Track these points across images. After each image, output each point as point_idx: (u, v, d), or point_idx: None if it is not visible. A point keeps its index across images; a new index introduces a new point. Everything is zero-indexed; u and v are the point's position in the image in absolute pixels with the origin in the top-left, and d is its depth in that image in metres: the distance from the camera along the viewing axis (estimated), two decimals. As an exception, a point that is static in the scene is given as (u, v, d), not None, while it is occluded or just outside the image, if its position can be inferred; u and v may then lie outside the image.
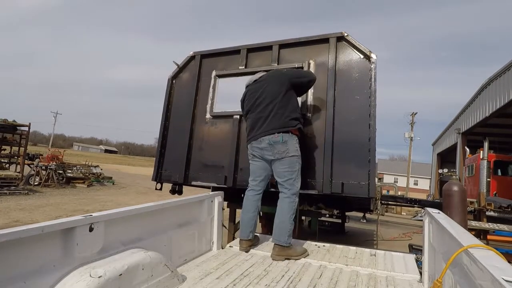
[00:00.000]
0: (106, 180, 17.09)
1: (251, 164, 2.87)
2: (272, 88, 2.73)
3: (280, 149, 2.62)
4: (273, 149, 2.63)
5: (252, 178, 2.85)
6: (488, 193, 9.03)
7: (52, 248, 1.42)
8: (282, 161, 2.63)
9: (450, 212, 4.13)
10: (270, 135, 2.65)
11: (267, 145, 2.66)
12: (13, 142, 13.18)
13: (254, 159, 2.82)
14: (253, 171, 2.85)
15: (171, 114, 3.91)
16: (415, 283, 2.15)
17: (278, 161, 2.64)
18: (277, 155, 2.63)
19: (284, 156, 2.62)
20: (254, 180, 2.83)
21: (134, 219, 1.92)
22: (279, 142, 2.62)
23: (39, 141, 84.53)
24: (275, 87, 2.73)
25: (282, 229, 2.54)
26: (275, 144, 2.62)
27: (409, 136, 27.28)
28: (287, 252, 2.52)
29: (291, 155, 2.63)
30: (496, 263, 1.07)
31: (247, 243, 2.72)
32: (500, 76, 10.20)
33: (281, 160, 2.63)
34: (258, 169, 2.81)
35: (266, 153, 2.68)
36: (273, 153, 2.64)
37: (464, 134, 14.93)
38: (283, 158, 2.63)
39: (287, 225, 2.55)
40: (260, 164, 2.79)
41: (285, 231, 2.53)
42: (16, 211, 7.90)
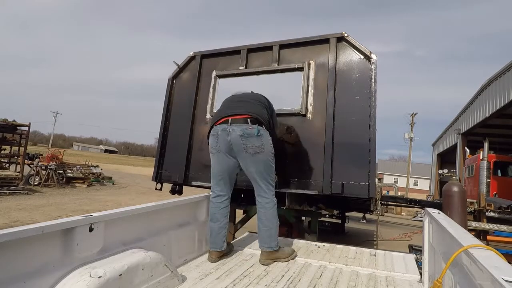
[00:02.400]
0: (106, 180, 17.08)
1: (215, 161, 2.43)
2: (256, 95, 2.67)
3: (255, 143, 2.27)
4: (247, 142, 2.26)
5: (216, 180, 2.46)
6: (488, 194, 9.03)
7: (52, 248, 1.42)
8: (254, 157, 2.30)
9: (450, 212, 4.13)
10: (243, 124, 2.29)
11: (238, 137, 2.27)
12: (13, 142, 13.17)
13: (216, 153, 2.39)
14: (216, 170, 2.44)
15: (171, 114, 3.91)
16: (415, 283, 2.15)
17: (250, 158, 2.30)
18: (250, 150, 2.28)
19: (258, 151, 2.29)
20: (218, 183, 2.45)
21: (134, 219, 1.92)
22: (253, 135, 2.27)
23: (39, 141, 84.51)
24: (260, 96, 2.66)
25: (271, 236, 2.38)
26: (249, 136, 2.26)
27: (409, 136, 27.29)
28: (276, 255, 2.40)
29: (267, 151, 2.33)
30: (496, 263, 1.07)
31: (218, 254, 2.41)
32: (500, 77, 10.21)
33: (254, 156, 2.29)
34: (222, 166, 2.41)
35: (236, 147, 2.30)
36: (245, 147, 2.27)
37: (464, 134, 14.93)
38: (256, 153, 2.29)
39: (274, 230, 2.40)
40: (227, 162, 2.39)
41: (274, 237, 2.39)
42: (16, 211, 7.89)
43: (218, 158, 2.42)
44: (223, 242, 2.45)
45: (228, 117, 2.37)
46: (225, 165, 2.42)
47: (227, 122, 2.35)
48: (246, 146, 2.28)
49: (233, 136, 2.29)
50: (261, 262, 2.39)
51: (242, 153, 2.31)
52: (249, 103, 2.51)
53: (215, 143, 2.40)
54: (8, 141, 13.07)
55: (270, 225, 2.39)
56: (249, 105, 2.49)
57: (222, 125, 2.38)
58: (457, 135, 15.71)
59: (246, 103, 2.50)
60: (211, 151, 2.46)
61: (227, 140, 2.32)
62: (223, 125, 2.37)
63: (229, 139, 2.31)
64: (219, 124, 2.41)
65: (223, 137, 2.34)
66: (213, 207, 2.48)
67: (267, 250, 2.38)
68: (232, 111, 2.42)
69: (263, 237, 2.40)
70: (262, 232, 2.41)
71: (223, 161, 2.41)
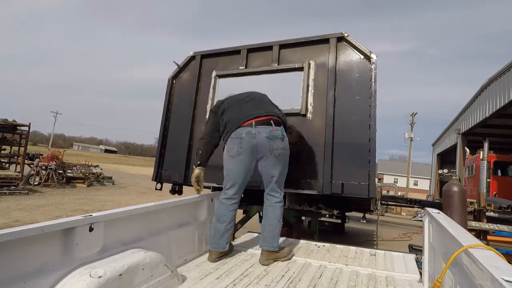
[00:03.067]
0: (106, 180, 17.08)
1: (233, 163, 2.40)
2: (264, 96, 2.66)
3: (280, 145, 2.34)
4: (273, 144, 2.31)
5: (232, 183, 2.43)
6: (488, 194, 9.03)
7: (52, 248, 1.42)
8: (278, 159, 2.35)
9: (450, 212, 4.13)
10: (268, 126, 2.34)
11: (264, 139, 2.30)
12: (13, 142, 13.16)
13: (238, 155, 2.35)
14: (234, 172, 2.42)
15: (171, 114, 3.91)
16: (415, 283, 2.15)
17: (274, 159, 2.34)
18: (275, 152, 2.32)
19: (282, 153, 2.37)
20: (233, 186, 2.43)
21: (134, 219, 1.92)
22: (278, 137, 2.33)
23: (39, 141, 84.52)
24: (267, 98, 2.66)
25: (274, 236, 2.40)
26: (274, 138, 2.31)
27: (409, 136, 27.29)
28: (276, 255, 2.41)
29: (288, 153, 2.43)
30: (496, 263, 1.07)
31: (219, 254, 2.41)
32: (500, 77, 10.21)
33: (278, 158, 2.35)
34: (242, 168, 2.39)
35: (261, 149, 2.32)
36: (271, 148, 2.31)
37: (464, 134, 14.93)
38: (280, 155, 2.35)
39: (278, 230, 2.42)
40: (247, 166, 2.38)
41: (277, 237, 2.41)
42: (16, 211, 7.89)
43: (237, 161, 2.38)
44: (226, 243, 2.46)
45: (252, 120, 2.37)
46: (244, 168, 2.40)
47: (251, 125, 2.35)
48: (272, 147, 2.32)
49: (259, 139, 2.31)
50: (261, 262, 2.38)
51: (267, 154, 2.33)
52: (264, 103, 2.54)
53: (238, 146, 2.35)
54: (8, 141, 13.07)
55: (276, 224, 2.41)
56: (266, 104, 2.53)
57: (246, 128, 2.36)
58: (457, 135, 15.72)
59: (262, 104, 2.52)
60: (231, 154, 2.40)
61: (252, 142, 2.32)
62: (247, 128, 2.35)
63: (254, 142, 2.32)
64: (241, 127, 2.38)
65: (248, 140, 2.32)
66: (223, 208, 2.47)
67: (268, 250, 2.38)
68: (254, 113, 2.41)
69: (267, 236, 2.40)
70: (266, 231, 2.41)
71: (243, 164, 2.38)
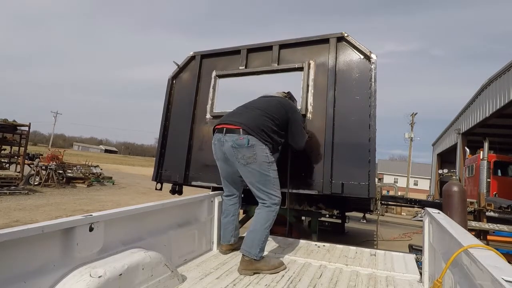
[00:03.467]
0: (106, 180, 17.08)
1: (218, 166, 2.56)
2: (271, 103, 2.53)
3: (246, 154, 2.24)
4: (237, 153, 2.26)
5: (223, 182, 2.65)
6: (488, 194, 9.04)
7: (52, 248, 1.42)
8: (247, 167, 2.27)
9: (450, 212, 4.13)
10: (235, 134, 2.27)
11: (230, 148, 2.29)
12: (13, 142, 13.17)
13: (217, 160, 2.51)
14: (222, 174, 2.59)
15: (171, 114, 3.91)
16: (415, 283, 2.15)
17: (243, 168, 2.30)
18: (241, 161, 2.27)
19: (250, 162, 2.25)
20: (224, 185, 2.65)
21: (134, 219, 1.92)
22: (243, 146, 2.24)
23: (39, 141, 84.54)
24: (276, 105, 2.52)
25: (253, 240, 2.19)
26: (239, 147, 2.25)
27: (409, 136, 27.28)
28: (256, 265, 2.15)
29: (260, 161, 2.25)
30: (496, 263, 1.07)
31: (227, 247, 2.64)
32: (500, 77, 10.21)
33: (246, 166, 2.27)
34: (223, 172, 2.55)
35: (230, 157, 2.34)
36: (237, 157, 2.28)
37: (464, 134, 14.93)
38: (248, 164, 2.26)
39: (260, 236, 2.21)
40: (226, 169, 2.51)
41: (257, 243, 2.19)
42: (16, 211, 7.89)
43: (220, 164, 2.54)
44: (231, 236, 2.63)
45: (224, 125, 2.38)
46: (225, 171, 2.54)
47: (221, 131, 2.37)
48: (237, 157, 2.28)
49: (226, 147, 2.33)
50: (239, 271, 2.16)
51: (235, 163, 2.34)
52: (254, 112, 2.43)
53: (214, 151, 2.49)
54: (8, 141, 13.08)
55: (257, 227, 2.24)
56: (251, 115, 2.41)
57: (218, 134, 2.41)
58: (457, 135, 15.72)
59: (250, 113, 2.43)
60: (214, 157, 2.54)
61: (222, 150, 2.38)
62: (218, 135, 2.40)
63: (223, 149, 2.37)
64: (216, 133, 2.45)
65: (218, 147, 2.42)
66: (223, 204, 2.71)
67: (247, 257, 2.17)
68: (229, 120, 2.42)
69: (247, 240, 2.24)
70: (247, 234, 2.28)
71: (224, 167, 2.52)
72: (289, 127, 2.58)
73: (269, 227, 2.28)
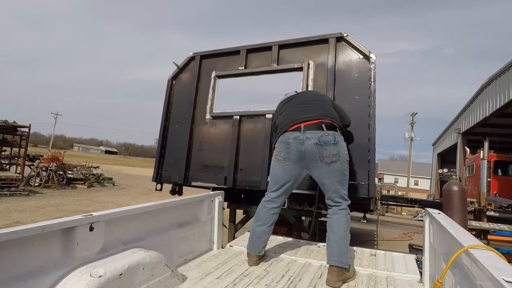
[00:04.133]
0: (107, 181, 17.09)
1: (278, 168, 2.28)
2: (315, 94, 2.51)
3: (332, 152, 2.12)
4: (323, 151, 2.11)
5: (276, 187, 2.30)
6: (488, 193, 9.03)
7: (53, 248, 1.42)
8: (330, 166, 2.13)
9: (450, 212, 4.13)
10: (318, 131, 2.15)
11: (313, 146, 2.12)
12: (13, 143, 13.20)
13: (284, 161, 2.23)
14: (279, 177, 2.28)
15: (171, 115, 3.91)
16: (415, 283, 2.15)
17: (326, 167, 2.14)
18: (326, 159, 2.12)
19: (334, 160, 2.13)
20: (277, 190, 2.29)
21: (134, 218, 1.92)
22: (330, 143, 2.12)
23: (39, 142, 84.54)
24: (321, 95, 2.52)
25: (343, 248, 2.07)
26: (325, 145, 2.11)
27: (409, 136, 27.28)
28: (346, 275, 2.06)
29: (343, 159, 2.17)
30: (497, 264, 1.07)
31: (257, 257, 2.33)
32: (500, 76, 10.21)
33: (330, 165, 2.13)
34: (287, 175, 2.25)
35: (309, 157, 2.14)
36: (321, 156, 2.12)
37: (464, 134, 14.93)
38: (332, 162, 2.13)
39: (347, 243, 2.11)
40: (293, 172, 2.24)
41: (346, 250, 2.07)
42: (17, 212, 7.90)
43: (284, 167, 2.25)
44: (262, 247, 2.36)
45: (300, 123, 2.21)
46: (290, 175, 2.26)
47: (299, 130, 2.20)
48: (322, 155, 2.12)
49: (308, 145, 2.14)
50: (330, 284, 1.98)
51: (317, 162, 2.14)
52: (317, 104, 2.34)
53: (285, 152, 2.22)
54: (9, 143, 13.11)
55: (342, 234, 2.11)
56: (319, 106, 2.32)
57: (294, 132, 2.21)
58: (457, 134, 15.71)
59: (314, 105, 2.33)
60: (277, 159, 2.29)
61: (300, 149, 2.16)
62: (295, 133, 2.20)
63: (302, 149, 2.15)
64: (290, 131, 2.24)
65: (295, 146, 2.17)
66: (263, 210, 2.35)
67: (337, 267, 2.02)
68: (303, 116, 2.25)
69: (334, 249, 2.08)
70: (333, 242, 2.10)
71: (290, 170, 2.24)
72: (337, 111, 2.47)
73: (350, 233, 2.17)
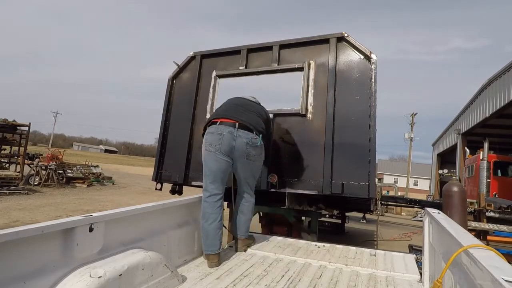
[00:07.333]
0: (106, 180, 17.09)
1: (212, 160, 2.40)
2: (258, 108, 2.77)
3: (257, 152, 2.51)
4: (251, 150, 2.44)
5: (213, 179, 2.43)
6: (488, 194, 9.04)
7: (52, 248, 1.42)
8: (252, 164, 2.53)
9: (450, 212, 4.13)
10: (250, 133, 2.45)
11: (243, 144, 2.40)
12: (13, 142, 13.19)
13: (216, 152, 2.38)
14: (214, 168, 2.41)
15: (171, 114, 3.91)
16: (415, 283, 2.15)
17: (249, 164, 2.50)
18: (251, 157, 2.47)
19: (255, 159, 2.52)
20: (215, 181, 2.43)
21: (134, 219, 1.92)
22: (257, 145, 2.48)
23: (39, 141, 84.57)
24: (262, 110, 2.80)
25: (248, 226, 2.74)
26: (253, 146, 2.45)
27: (409, 136, 27.30)
28: (248, 242, 2.75)
29: (261, 160, 2.62)
30: (496, 263, 1.07)
31: (217, 257, 2.31)
32: (500, 77, 10.21)
33: (252, 164, 2.52)
34: (221, 165, 2.42)
35: (238, 153, 2.42)
36: (248, 154, 2.44)
37: (464, 134, 14.94)
38: (255, 161, 2.53)
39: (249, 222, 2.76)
40: (225, 163, 2.42)
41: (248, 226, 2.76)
42: (16, 211, 7.89)
43: (215, 157, 2.40)
44: (220, 243, 2.41)
45: (236, 121, 2.45)
46: (222, 164, 2.42)
47: (233, 126, 2.42)
48: (249, 153, 2.45)
49: (239, 142, 2.40)
50: (241, 249, 2.67)
51: (242, 159, 2.46)
52: (254, 113, 2.65)
53: (217, 142, 2.38)
54: (8, 141, 13.10)
55: (250, 216, 2.75)
56: (254, 116, 2.63)
57: (228, 127, 2.41)
58: (457, 135, 15.73)
59: (251, 113, 2.62)
60: (208, 149, 2.42)
61: (231, 144, 2.39)
62: (229, 128, 2.41)
63: (233, 144, 2.39)
64: (223, 124, 2.43)
65: (228, 140, 2.38)
66: (208, 207, 2.40)
67: (243, 238, 2.71)
68: (240, 117, 2.49)
69: (243, 227, 2.70)
70: (243, 222, 2.69)
71: (220, 160, 2.41)
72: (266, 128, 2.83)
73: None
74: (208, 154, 2.43)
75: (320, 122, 3.04)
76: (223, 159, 2.41)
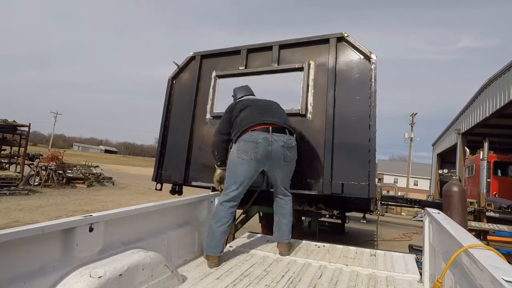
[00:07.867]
0: (106, 181, 17.07)
1: (244, 168, 2.35)
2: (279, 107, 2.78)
3: (293, 153, 2.47)
4: (287, 152, 2.41)
5: (236, 186, 2.37)
6: (488, 194, 9.03)
7: (52, 248, 1.42)
8: (288, 166, 2.48)
9: (450, 212, 4.13)
10: (284, 134, 2.42)
11: (279, 148, 2.37)
12: (13, 142, 13.18)
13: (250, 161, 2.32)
14: (242, 176, 2.36)
15: (171, 115, 3.91)
16: (415, 283, 2.15)
17: (285, 166, 2.46)
18: (288, 159, 2.44)
19: (290, 161, 2.48)
20: (237, 189, 2.37)
21: (134, 219, 1.92)
22: (292, 146, 2.44)
23: (39, 141, 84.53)
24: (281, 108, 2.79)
25: (290, 230, 2.65)
26: (289, 147, 2.42)
27: (409, 136, 27.29)
28: (292, 246, 2.70)
29: (295, 161, 2.56)
30: (496, 263, 1.06)
31: (218, 258, 2.32)
32: (500, 77, 10.21)
33: (288, 165, 2.48)
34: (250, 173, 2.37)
35: (275, 157, 2.36)
36: (285, 156, 2.41)
37: (464, 134, 14.93)
38: (291, 162, 2.49)
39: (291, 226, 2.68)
40: (256, 171, 2.40)
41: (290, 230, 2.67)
42: (16, 211, 7.89)
43: (249, 165, 2.35)
44: (224, 246, 2.41)
45: (269, 125, 2.40)
46: (253, 172, 2.40)
47: (267, 131, 2.37)
48: (285, 156, 2.41)
49: (275, 146, 2.36)
50: (283, 254, 2.58)
51: (280, 162, 2.41)
52: (279, 112, 2.66)
53: (252, 151, 2.31)
54: (8, 142, 13.08)
55: (291, 219, 2.66)
56: (282, 114, 2.65)
57: (262, 133, 2.36)
58: (457, 135, 15.72)
59: (277, 113, 2.62)
60: (242, 157, 2.33)
61: (267, 149, 2.34)
62: (264, 134, 2.35)
63: (269, 149, 2.34)
64: (257, 131, 2.37)
65: (263, 146, 2.33)
66: (223, 210, 2.38)
67: (286, 243, 2.61)
68: (271, 120, 2.45)
69: (285, 231, 2.61)
70: (285, 225, 2.61)
71: (253, 168, 2.37)
72: None
73: None
74: (241, 161, 2.35)
75: (320, 122, 3.04)
76: (255, 166, 2.37)
